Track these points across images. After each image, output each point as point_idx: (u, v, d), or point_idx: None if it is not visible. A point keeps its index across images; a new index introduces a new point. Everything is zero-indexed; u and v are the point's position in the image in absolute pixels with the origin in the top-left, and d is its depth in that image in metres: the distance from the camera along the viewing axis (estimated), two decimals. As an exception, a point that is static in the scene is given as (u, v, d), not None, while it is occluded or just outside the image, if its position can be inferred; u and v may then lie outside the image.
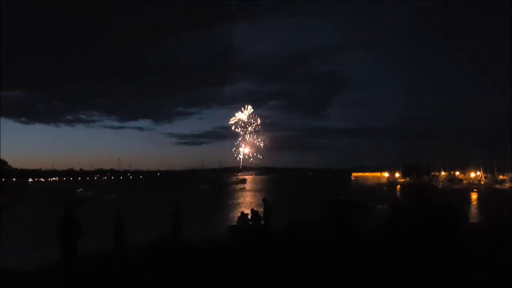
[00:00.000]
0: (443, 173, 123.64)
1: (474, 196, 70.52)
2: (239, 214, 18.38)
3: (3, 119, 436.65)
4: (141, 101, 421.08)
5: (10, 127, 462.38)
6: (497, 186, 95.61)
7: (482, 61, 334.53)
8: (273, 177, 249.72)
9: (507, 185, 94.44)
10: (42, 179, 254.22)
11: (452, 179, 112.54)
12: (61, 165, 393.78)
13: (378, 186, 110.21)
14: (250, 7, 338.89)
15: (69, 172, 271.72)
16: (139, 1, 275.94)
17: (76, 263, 10.54)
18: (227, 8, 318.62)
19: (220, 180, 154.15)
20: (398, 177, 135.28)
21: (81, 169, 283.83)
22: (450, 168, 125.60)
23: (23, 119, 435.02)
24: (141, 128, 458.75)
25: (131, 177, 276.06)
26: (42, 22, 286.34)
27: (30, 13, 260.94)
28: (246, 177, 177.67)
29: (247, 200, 68.46)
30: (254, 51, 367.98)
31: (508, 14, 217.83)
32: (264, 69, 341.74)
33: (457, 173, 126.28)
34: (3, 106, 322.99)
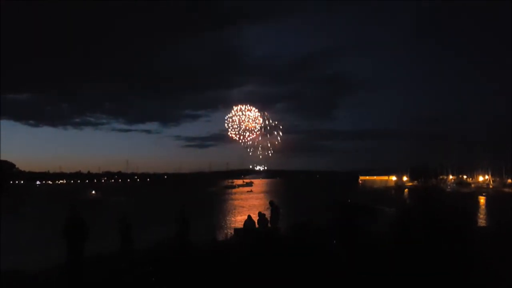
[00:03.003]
0: (451, 176, 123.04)
1: (482, 199, 70.04)
2: (245, 217, 18.33)
3: (11, 122, 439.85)
4: (149, 104, 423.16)
5: (18, 129, 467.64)
6: (506, 189, 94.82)
7: (492, 63, 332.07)
8: (280, 179, 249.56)
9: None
10: (50, 181, 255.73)
11: (460, 183, 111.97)
12: (69, 168, 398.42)
13: (386, 190, 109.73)
14: (256, 10, 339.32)
15: (77, 175, 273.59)
16: (145, 5, 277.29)
17: (82, 265, 10.55)
18: (234, 11, 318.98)
19: (227, 183, 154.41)
20: (406, 180, 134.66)
21: (88, 171, 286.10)
22: (458, 172, 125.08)
23: (31, 122, 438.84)
24: (148, 131, 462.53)
25: (138, 180, 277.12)
26: (50, 25, 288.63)
27: (39, 15, 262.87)
28: (253, 180, 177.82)
29: (254, 203, 68.39)
30: (261, 54, 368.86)
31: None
32: (271, 72, 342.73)
33: (465, 176, 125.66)
34: (12, 109, 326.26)
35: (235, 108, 72.24)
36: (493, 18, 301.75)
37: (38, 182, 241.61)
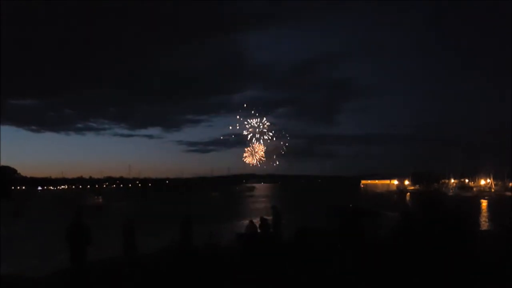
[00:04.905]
0: (453, 180, 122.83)
1: (484, 203, 69.90)
2: (247, 221, 18.32)
3: (13, 128, 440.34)
4: (151, 109, 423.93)
5: (20, 135, 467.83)
6: (508, 193, 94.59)
7: (494, 68, 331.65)
8: (282, 184, 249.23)
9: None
10: (51, 187, 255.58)
11: (462, 187, 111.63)
12: (70, 173, 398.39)
13: (388, 194, 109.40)
14: (259, 16, 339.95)
15: (79, 180, 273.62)
16: (149, 10, 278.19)
17: (85, 270, 10.55)
18: (236, 17, 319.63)
19: (228, 187, 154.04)
20: (408, 184, 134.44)
21: (90, 177, 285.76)
22: (460, 176, 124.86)
23: (33, 127, 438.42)
24: (150, 136, 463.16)
25: (140, 185, 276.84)
26: (53, 31, 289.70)
27: (42, 22, 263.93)
28: (255, 184, 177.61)
29: (256, 208, 68.24)
30: (263, 59, 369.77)
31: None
32: (273, 76, 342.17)
33: (467, 180, 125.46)
34: (14, 115, 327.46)
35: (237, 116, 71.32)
36: (498, 23, 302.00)
37: (39, 188, 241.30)
